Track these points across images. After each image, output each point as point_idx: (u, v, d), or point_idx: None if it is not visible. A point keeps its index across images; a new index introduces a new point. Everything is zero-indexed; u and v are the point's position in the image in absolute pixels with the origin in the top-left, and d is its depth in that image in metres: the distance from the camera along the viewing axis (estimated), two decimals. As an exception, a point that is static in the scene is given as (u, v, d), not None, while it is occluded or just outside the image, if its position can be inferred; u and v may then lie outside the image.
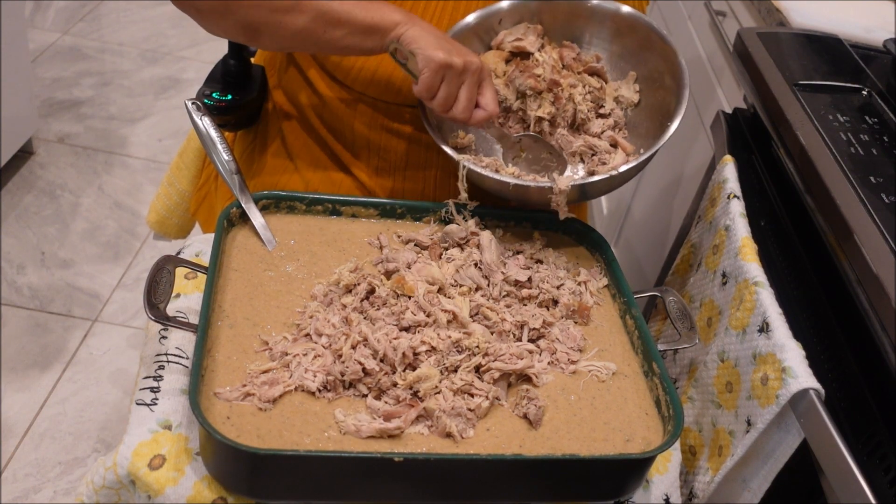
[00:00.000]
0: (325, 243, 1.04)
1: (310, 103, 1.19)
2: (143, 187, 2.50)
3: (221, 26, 1.04)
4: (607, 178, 1.02)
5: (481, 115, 1.02)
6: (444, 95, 0.99)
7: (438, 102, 1.00)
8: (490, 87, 1.02)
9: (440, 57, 0.96)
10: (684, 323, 0.98)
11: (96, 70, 2.98)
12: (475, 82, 1.00)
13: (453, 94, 0.99)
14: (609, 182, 1.03)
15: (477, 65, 0.99)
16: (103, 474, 0.84)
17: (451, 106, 1.00)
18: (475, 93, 1.01)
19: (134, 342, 2.01)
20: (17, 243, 2.21)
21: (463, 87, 0.99)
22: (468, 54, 0.99)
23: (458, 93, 1.00)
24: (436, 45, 0.97)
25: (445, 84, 0.98)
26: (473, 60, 0.99)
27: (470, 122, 1.02)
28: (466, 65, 0.98)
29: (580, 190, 1.04)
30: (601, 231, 1.51)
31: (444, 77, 0.98)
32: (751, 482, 0.89)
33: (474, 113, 1.02)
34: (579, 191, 1.04)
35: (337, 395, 0.85)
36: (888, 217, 0.88)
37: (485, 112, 1.02)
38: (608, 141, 1.10)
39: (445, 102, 1.00)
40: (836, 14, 1.38)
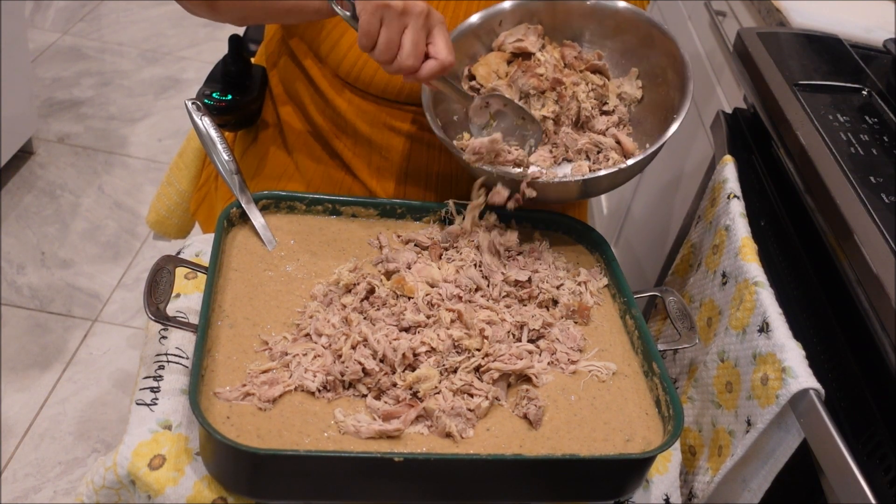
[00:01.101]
0: (325, 243, 1.04)
1: (311, 102, 1.19)
2: (143, 187, 2.50)
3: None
4: (613, 172, 1.01)
5: (432, 65, 0.92)
6: (384, 41, 0.89)
7: (380, 50, 0.90)
8: (442, 34, 0.92)
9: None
10: (684, 323, 0.98)
11: (96, 70, 2.98)
12: (421, 26, 0.90)
13: (395, 41, 0.89)
14: (613, 178, 1.03)
15: (422, 7, 0.89)
16: (103, 474, 0.84)
17: (395, 55, 0.90)
18: (422, 38, 0.91)
19: (134, 342, 2.01)
20: (17, 243, 2.21)
21: (406, 30, 0.90)
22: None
23: (402, 38, 0.90)
24: None
25: (385, 28, 0.89)
26: (417, 3, 0.89)
27: (420, 74, 0.92)
28: (407, 6, 0.88)
29: (583, 186, 1.03)
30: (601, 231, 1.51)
31: (382, 19, 0.89)
32: (751, 482, 0.89)
33: (424, 64, 0.92)
34: (582, 187, 1.03)
35: (337, 395, 0.85)
36: (888, 217, 0.88)
37: (436, 61, 0.91)
38: (612, 138, 1.10)
39: (387, 49, 0.90)
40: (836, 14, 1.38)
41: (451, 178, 1.17)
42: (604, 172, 1.01)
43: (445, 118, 1.10)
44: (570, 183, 1.02)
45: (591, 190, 1.07)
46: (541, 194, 1.04)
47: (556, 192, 1.04)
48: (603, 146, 1.09)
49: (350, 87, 1.13)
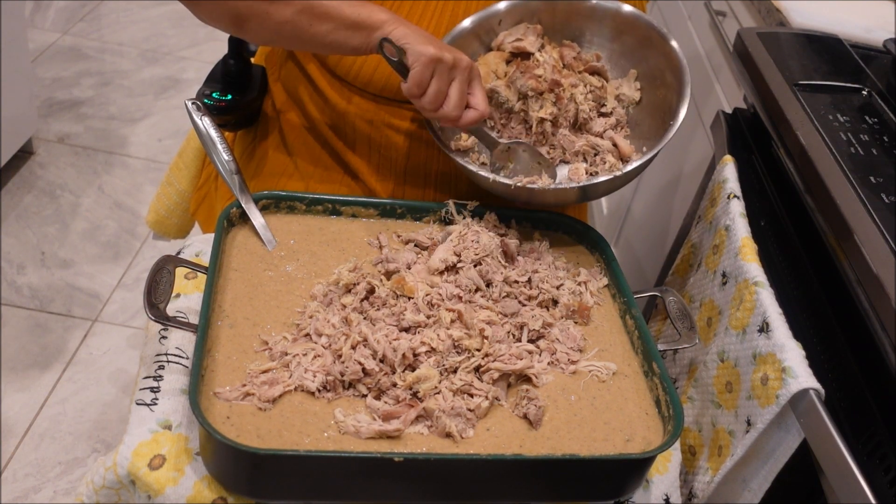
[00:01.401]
0: (324, 243, 1.04)
1: (311, 101, 1.19)
2: (143, 187, 2.50)
3: (212, 13, 1.04)
4: (610, 178, 1.02)
5: (472, 115, 0.99)
6: (434, 91, 0.96)
7: (429, 99, 0.97)
8: (480, 88, 1.00)
9: (431, 51, 0.94)
10: (684, 323, 0.98)
11: (96, 70, 2.98)
12: (466, 80, 0.98)
13: (443, 91, 0.97)
14: (611, 183, 1.03)
15: (468, 62, 0.98)
16: (103, 474, 0.84)
17: (442, 103, 0.98)
18: (466, 90, 0.99)
19: (134, 342, 2.01)
20: (17, 243, 2.21)
21: (454, 83, 0.97)
22: (458, 52, 0.98)
23: (449, 90, 0.97)
24: (426, 41, 0.96)
25: (436, 79, 0.96)
26: (464, 58, 0.97)
27: (461, 122, 0.99)
28: (457, 60, 0.96)
29: (582, 191, 1.04)
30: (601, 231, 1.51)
31: (434, 72, 0.96)
32: (751, 482, 0.89)
33: (465, 113, 0.99)
34: (581, 192, 1.04)
35: (336, 395, 0.85)
36: (888, 217, 0.88)
37: (476, 112, 0.99)
38: (610, 141, 1.10)
39: (436, 99, 0.97)
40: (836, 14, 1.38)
41: (450, 176, 1.17)
42: (601, 179, 1.02)
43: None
44: (568, 189, 1.02)
45: (589, 195, 1.07)
46: (538, 199, 1.05)
47: (555, 197, 1.04)
48: (600, 149, 1.09)
49: (349, 86, 1.13)
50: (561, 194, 1.04)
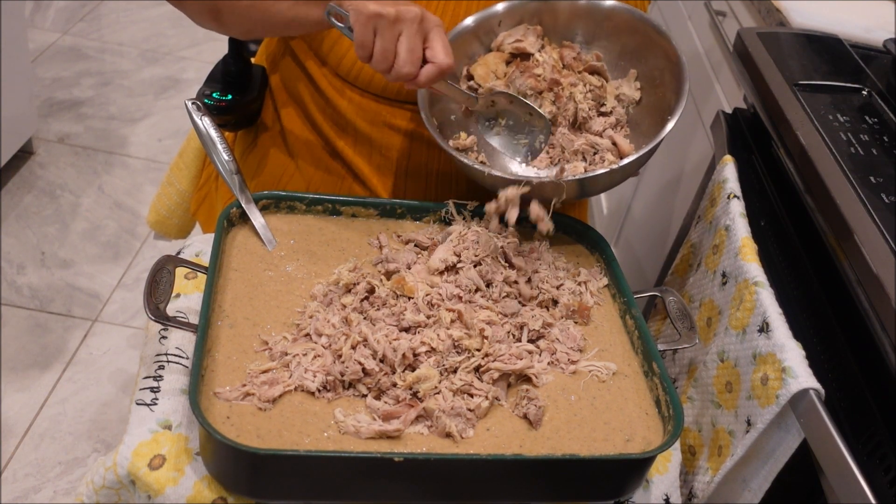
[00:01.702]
0: (324, 243, 1.04)
1: (311, 101, 1.19)
2: (143, 187, 2.50)
3: (195, 11, 1.07)
4: (608, 171, 1.01)
5: (430, 69, 0.91)
6: (379, 50, 0.89)
7: (376, 59, 0.90)
8: (439, 38, 0.92)
9: (370, 8, 0.88)
10: (684, 323, 0.98)
11: (96, 70, 2.98)
12: (415, 32, 0.90)
13: (391, 49, 0.90)
14: (610, 177, 1.02)
15: (415, 13, 0.89)
16: (103, 474, 0.84)
17: (392, 63, 0.91)
18: (418, 44, 0.91)
19: (134, 342, 2.01)
20: (17, 243, 2.22)
21: (401, 38, 0.90)
22: (407, 4, 0.90)
23: (397, 46, 0.90)
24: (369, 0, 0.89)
25: (379, 37, 0.89)
26: (411, 9, 0.89)
27: (419, 80, 0.92)
28: (400, 13, 0.88)
29: (580, 186, 1.03)
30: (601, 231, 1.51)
31: (376, 29, 0.89)
32: (751, 482, 0.89)
33: (423, 70, 0.92)
34: (579, 186, 1.03)
35: (336, 395, 0.85)
36: (888, 217, 0.88)
37: (433, 66, 0.91)
38: (609, 140, 1.10)
39: (384, 58, 0.90)
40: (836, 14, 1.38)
41: (450, 176, 1.17)
42: (599, 172, 1.01)
43: (442, 117, 1.10)
44: (566, 183, 1.02)
45: (587, 189, 1.07)
46: (537, 194, 1.04)
47: (553, 191, 1.04)
48: (599, 147, 1.09)
49: (350, 86, 1.13)
50: (559, 188, 1.03)
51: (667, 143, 1.02)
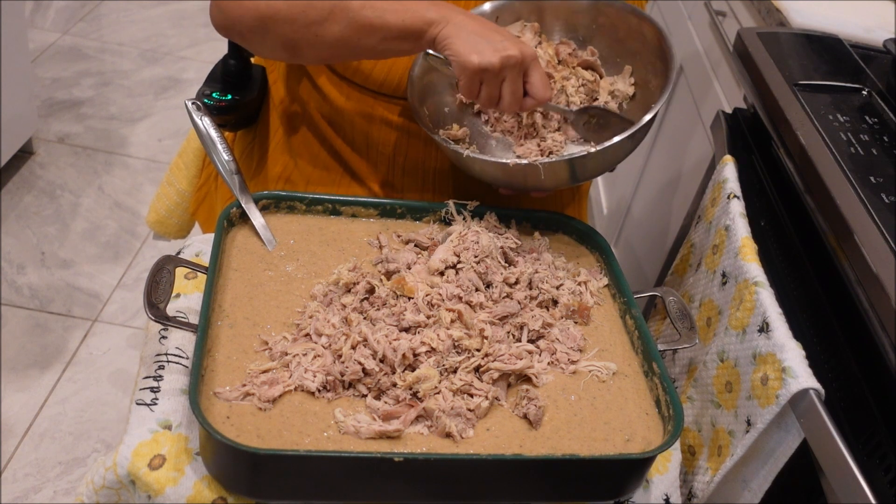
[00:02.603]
0: (324, 243, 1.04)
1: (310, 100, 1.19)
2: (143, 187, 2.50)
3: (265, 46, 1.05)
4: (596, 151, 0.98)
5: (531, 104, 0.99)
6: (485, 97, 0.97)
7: (482, 103, 0.98)
8: (538, 73, 0.97)
9: (473, 63, 0.92)
10: (684, 323, 0.98)
11: (96, 70, 2.98)
12: (517, 76, 0.96)
13: (495, 95, 0.97)
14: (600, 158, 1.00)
15: (516, 60, 0.94)
16: (103, 474, 0.84)
17: (497, 104, 0.98)
18: (520, 86, 0.97)
19: (134, 342, 2.01)
20: (17, 243, 2.21)
21: (505, 83, 0.96)
22: (508, 46, 0.94)
23: (502, 91, 0.96)
24: (469, 48, 0.93)
25: (485, 87, 0.95)
26: (513, 54, 0.93)
27: (522, 110, 1.01)
28: (504, 63, 0.93)
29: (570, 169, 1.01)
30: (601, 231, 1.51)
31: (482, 81, 0.95)
32: (751, 482, 0.89)
33: (524, 103, 0.99)
34: (569, 170, 1.02)
35: (336, 395, 0.85)
36: (888, 217, 0.88)
37: (534, 101, 0.98)
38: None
39: (489, 103, 0.97)
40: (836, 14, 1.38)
41: (446, 173, 1.17)
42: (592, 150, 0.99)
43: (435, 110, 1.10)
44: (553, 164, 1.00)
45: (578, 173, 1.04)
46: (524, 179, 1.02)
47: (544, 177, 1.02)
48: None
49: (348, 82, 1.13)
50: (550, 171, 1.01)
51: (667, 144, 1.02)
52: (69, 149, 2.58)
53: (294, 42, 1.01)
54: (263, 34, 1.02)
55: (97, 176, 2.51)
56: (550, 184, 1.03)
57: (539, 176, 1.00)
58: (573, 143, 1.12)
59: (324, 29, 0.98)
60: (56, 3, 3.29)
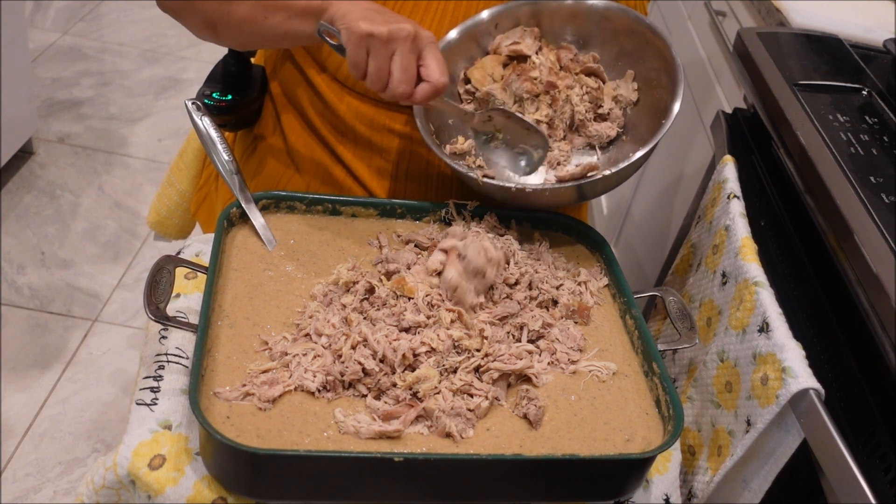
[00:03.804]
0: (324, 243, 1.04)
1: (310, 104, 1.19)
2: (143, 187, 2.50)
3: (192, 24, 1.09)
4: (605, 176, 1.01)
5: (425, 88, 0.91)
6: (373, 70, 0.90)
7: (371, 79, 0.91)
8: (434, 56, 0.91)
9: (362, 27, 0.88)
10: (684, 323, 0.98)
11: (96, 70, 2.98)
12: (408, 51, 0.89)
13: (384, 69, 0.90)
14: (607, 181, 1.03)
15: (408, 31, 0.89)
16: (103, 474, 0.84)
17: (387, 82, 0.91)
18: (412, 63, 0.90)
19: (134, 342, 2.01)
20: (17, 243, 2.22)
21: (395, 57, 0.89)
22: (399, 21, 0.89)
23: (391, 65, 0.90)
24: (361, 17, 0.89)
25: (373, 57, 0.89)
26: (404, 27, 0.88)
27: (414, 98, 0.92)
28: (393, 32, 0.88)
29: (579, 190, 1.03)
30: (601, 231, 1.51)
31: (368, 49, 0.89)
32: (751, 482, 0.89)
33: (417, 88, 0.91)
34: (578, 191, 1.04)
35: (336, 395, 0.85)
36: (888, 217, 0.88)
37: (428, 84, 0.91)
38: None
39: (378, 78, 0.90)
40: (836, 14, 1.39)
41: (450, 179, 1.17)
42: (594, 178, 1.01)
43: (440, 122, 1.10)
44: (564, 189, 1.02)
45: (586, 193, 1.06)
46: (536, 200, 1.05)
47: (552, 197, 1.04)
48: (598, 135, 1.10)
49: (349, 91, 1.13)
50: (557, 194, 1.04)
51: (667, 144, 1.03)
52: (69, 149, 2.58)
53: (213, 20, 1.05)
54: (190, 11, 1.06)
55: (97, 176, 2.51)
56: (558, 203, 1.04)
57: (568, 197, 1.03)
58: (579, 151, 1.12)
59: (234, 7, 1.02)
60: (56, 3, 3.29)
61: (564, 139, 1.11)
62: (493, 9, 1.10)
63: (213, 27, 1.07)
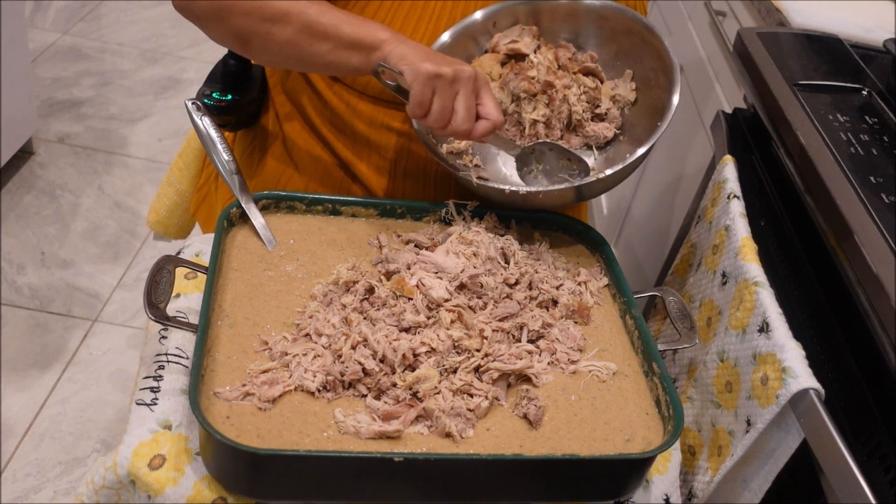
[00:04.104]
0: (324, 243, 1.04)
1: (309, 103, 1.19)
2: (143, 187, 2.50)
3: (218, 33, 1.06)
4: (603, 177, 1.01)
5: (484, 125, 0.96)
6: (438, 109, 0.94)
7: (434, 118, 0.95)
8: (490, 95, 0.97)
9: (428, 68, 0.92)
10: (684, 323, 0.98)
11: (96, 70, 2.98)
12: (471, 91, 0.95)
13: (448, 107, 0.94)
14: (604, 182, 1.03)
15: (470, 73, 0.94)
16: (103, 474, 0.84)
17: (449, 120, 0.95)
18: (473, 103, 0.96)
19: (134, 342, 2.01)
20: (17, 243, 2.22)
21: (458, 96, 0.94)
22: (459, 64, 0.95)
23: (455, 104, 0.94)
24: (423, 58, 0.93)
25: (438, 97, 0.93)
26: (465, 69, 0.94)
27: (473, 134, 0.97)
28: (457, 73, 0.93)
29: (577, 191, 1.03)
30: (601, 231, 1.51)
31: (434, 89, 0.93)
32: (751, 482, 0.89)
33: (477, 125, 0.96)
34: (576, 192, 1.04)
35: (336, 395, 0.85)
36: (888, 217, 0.88)
37: (488, 122, 0.96)
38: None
39: (441, 116, 0.94)
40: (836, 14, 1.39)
41: (449, 177, 1.17)
42: (591, 179, 1.02)
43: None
44: (563, 190, 1.02)
45: (584, 194, 1.07)
46: (532, 201, 1.05)
47: (550, 199, 1.04)
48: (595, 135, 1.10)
49: (347, 89, 1.13)
50: (556, 196, 1.04)
51: (667, 144, 1.03)
52: (69, 149, 2.58)
53: (246, 36, 1.02)
54: (219, 21, 1.03)
55: (97, 176, 2.51)
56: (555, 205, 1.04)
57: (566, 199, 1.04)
58: (576, 151, 1.12)
59: (276, 28, 0.99)
60: (56, 3, 3.29)
61: (562, 139, 1.11)
62: (487, 8, 1.10)
63: (245, 43, 1.03)
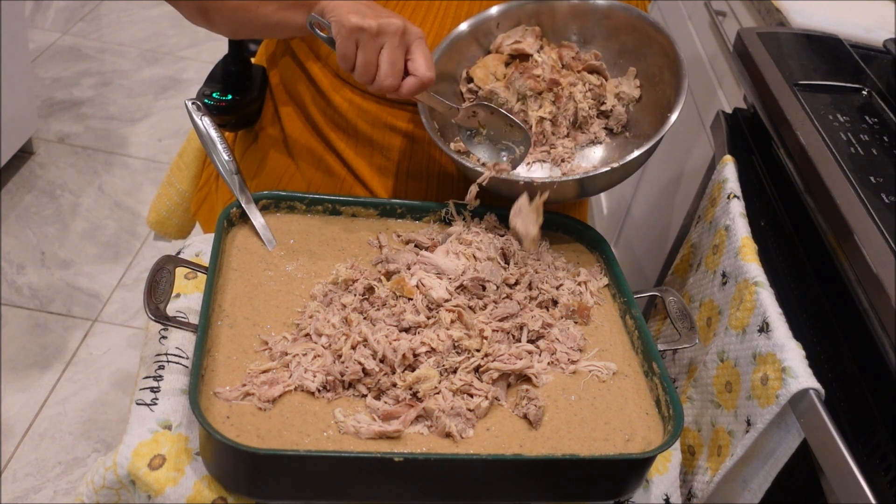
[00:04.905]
0: (324, 243, 1.04)
1: (312, 102, 1.19)
2: (143, 187, 2.50)
3: (186, 9, 1.10)
4: (607, 171, 1.01)
5: (412, 81, 0.93)
6: (361, 62, 0.92)
7: (358, 72, 0.93)
8: (420, 50, 0.93)
9: (352, 20, 0.90)
10: (684, 323, 0.98)
11: (96, 70, 2.98)
12: (397, 45, 0.92)
13: (372, 62, 0.92)
14: (609, 176, 1.02)
15: (397, 26, 0.91)
16: (103, 474, 0.84)
17: (374, 75, 0.93)
18: (399, 57, 0.92)
19: (134, 342, 2.02)
20: (17, 243, 2.22)
21: (383, 50, 0.91)
22: (389, 16, 0.92)
23: (378, 59, 0.92)
24: (351, 11, 0.91)
25: (361, 50, 0.91)
26: (393, 21, 0.91)
27: (401, 91, 0.94)
28: (382, 26, 0.90)
29: (580, 186, 1.03)
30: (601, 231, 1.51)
31: (358, 42, 0.91)
32: (751, 482, 0.89)
33: (404, 82, 0.94)
34: (579, 185, 1.03)
35: (336, 395, 0.85)
36: (888, 217, 0.88)
37: (415, 78, 0.93)
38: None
39: (365, 71, 0.92)
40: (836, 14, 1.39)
41: (451, 177, 1.17)
42: (599, 172, 1.01)
43: (444, 120, 1.10)
44: (567, 183, 1.02)
45: (587, 189, 1.07)
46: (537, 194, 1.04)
47: (557, 192, 1.04)
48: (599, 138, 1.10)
49: (350, 87, 1.13)
50: (559, 189, 1.03)
51: (667, 144, 1.02)
52: (69, 149, 2.58)
53: (206, 7, 1.06)
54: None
55: (97, 176, 2.51)
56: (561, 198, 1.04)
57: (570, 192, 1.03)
58: (583, 147, 1.12)
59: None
60: (56, 3, 3.29)
61: (568, 136, 1.11)
62: (501, 5, 1.10)
63: (205, 13, 1.07)
